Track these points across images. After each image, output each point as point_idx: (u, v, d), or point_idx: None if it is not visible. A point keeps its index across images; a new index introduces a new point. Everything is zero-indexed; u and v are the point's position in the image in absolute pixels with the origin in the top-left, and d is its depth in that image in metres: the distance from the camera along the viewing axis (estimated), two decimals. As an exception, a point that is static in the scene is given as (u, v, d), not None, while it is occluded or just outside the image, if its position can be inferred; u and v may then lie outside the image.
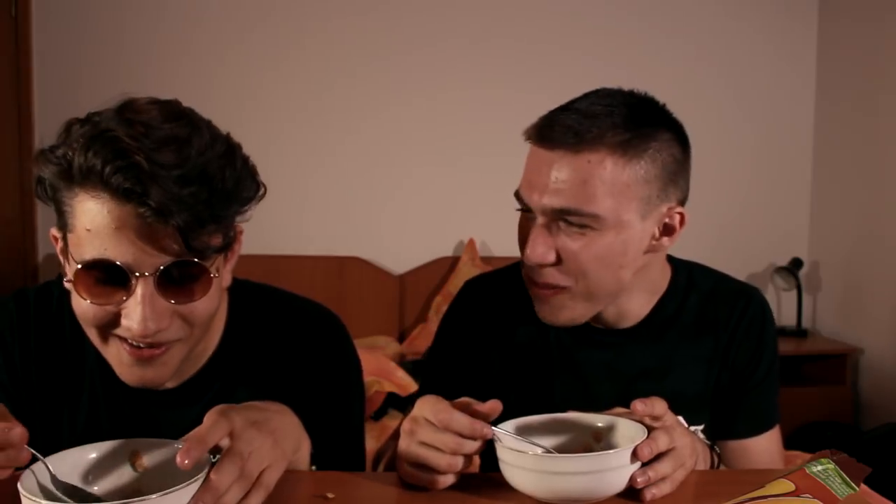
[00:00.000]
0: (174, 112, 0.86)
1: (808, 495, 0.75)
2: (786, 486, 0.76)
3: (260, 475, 0.77)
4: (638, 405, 0.83)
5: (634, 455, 0.80)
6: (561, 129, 0.94)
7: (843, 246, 3.48)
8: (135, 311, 0.83)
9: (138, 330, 0.84)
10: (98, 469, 0.80)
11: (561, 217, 0.96)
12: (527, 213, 1.00)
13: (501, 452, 0.84)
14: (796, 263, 3.55)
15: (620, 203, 0.95)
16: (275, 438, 0.81)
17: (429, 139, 3.41)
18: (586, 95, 0.99)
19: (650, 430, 0.83)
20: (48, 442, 0.99)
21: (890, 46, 3.18)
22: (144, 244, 0.81)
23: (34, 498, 0.69)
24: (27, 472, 0.73)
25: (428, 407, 0.86)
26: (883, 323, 3.22)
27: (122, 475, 0.80)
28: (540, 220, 0.97)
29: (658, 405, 0.84)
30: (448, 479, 0.85)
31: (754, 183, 3.59)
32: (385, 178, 3.41)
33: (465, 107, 3.41)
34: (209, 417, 0.77)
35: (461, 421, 0.82)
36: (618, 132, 0.94)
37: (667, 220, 1.01)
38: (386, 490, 0.90)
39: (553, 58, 3.43)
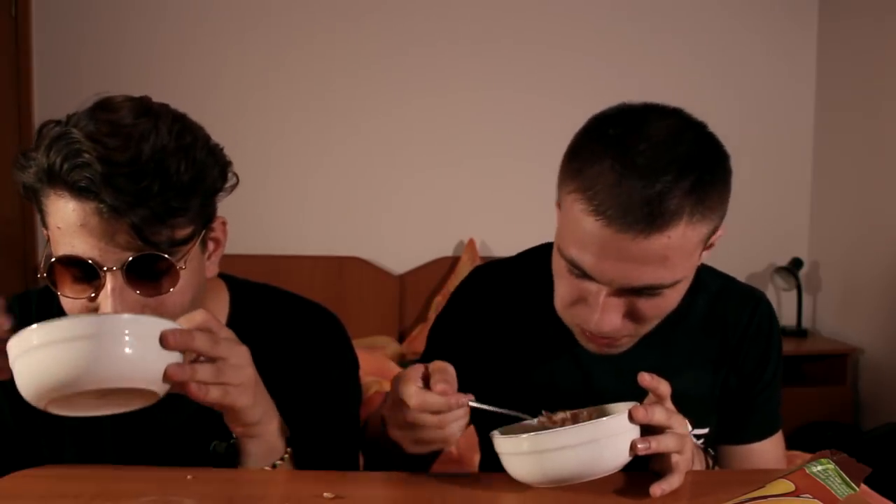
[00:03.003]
0: (142, 108, 0.87)
1: (808, 495, 0.75)
2: (786, 486, 0.76)
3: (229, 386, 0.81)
4: (646, 376, 0.84)
5: (632, 422, 0.81)
6: (636, 214, 0.83)
7: (842, 246, 3.48)
8: (105, 305, 0.85)
9: None
10: None
11: (636, 291, 0.89)
12: (582, 277, 0.90)
13: (498, 444, 0.84)
14: (796, 263, 3.55)
15: (692, 256, 0.91)
16: (257, 378, 0.85)
17: (429, 139, 3.41)
18: (646, 148, 0.85)
19: None
20: (49, 437, 1.00)
21: (890, 46, 3.18)
22: (107, 240, 0.83)
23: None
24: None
25: (402, 390, 0.85)
26: (883, 323, 3.22)
27: None
28: (608, 290, 0.89)
29: (663, 385, 0.85)
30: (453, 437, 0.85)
31: (754, 183, 3.59)
32: (385, 178, 3.41)
33: (466, 107, 3.41)
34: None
35: (436, 401, 0.83)
36: (691, 197, 0.85)
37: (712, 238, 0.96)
38: (386, 490, 0.90)
39: (553, 59, 3.43)
